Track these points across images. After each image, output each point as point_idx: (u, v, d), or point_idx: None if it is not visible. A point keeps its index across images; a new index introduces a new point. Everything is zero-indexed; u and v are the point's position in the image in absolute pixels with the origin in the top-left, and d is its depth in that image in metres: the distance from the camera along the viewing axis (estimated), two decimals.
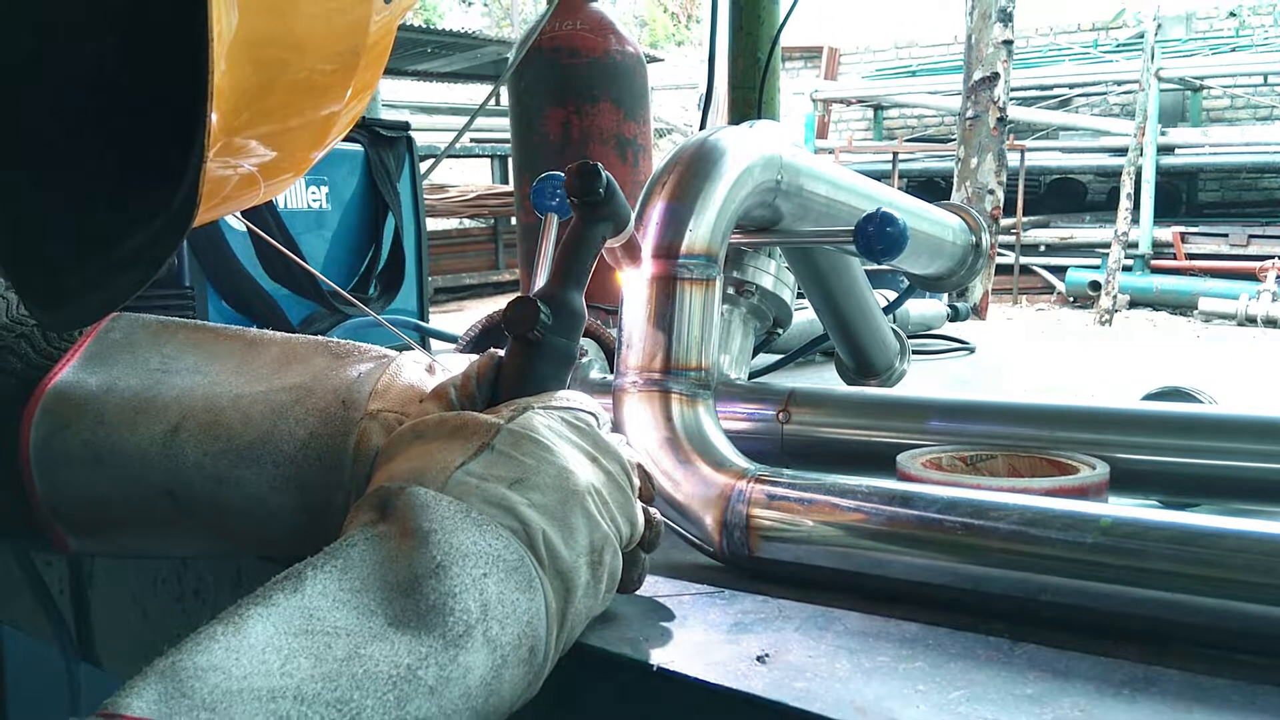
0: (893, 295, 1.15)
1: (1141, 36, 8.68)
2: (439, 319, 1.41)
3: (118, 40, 0.49)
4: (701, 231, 0.64)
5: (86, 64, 0.49)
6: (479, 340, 0.90)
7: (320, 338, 0.60)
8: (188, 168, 0.40)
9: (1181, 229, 8.42)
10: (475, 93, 10.25)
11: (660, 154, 0.74)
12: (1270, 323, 6.95)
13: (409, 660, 0.36)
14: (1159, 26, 8.17)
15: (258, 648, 0.34)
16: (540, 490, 0.45)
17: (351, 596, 0.38)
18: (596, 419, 0.51)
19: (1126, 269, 7.62)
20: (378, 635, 0.37)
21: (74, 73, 0.48)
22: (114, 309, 0.48)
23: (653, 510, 0.53)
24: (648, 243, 0.63)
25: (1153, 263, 8.29)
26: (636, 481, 0.51)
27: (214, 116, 0.38)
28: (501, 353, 0.54)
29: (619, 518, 0.48)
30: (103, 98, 0.49)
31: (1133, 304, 7.93)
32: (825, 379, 1.11)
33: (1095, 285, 7.63)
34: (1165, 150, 8.81)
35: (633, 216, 0.60)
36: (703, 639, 0.49)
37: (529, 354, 0.52)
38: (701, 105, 1.65)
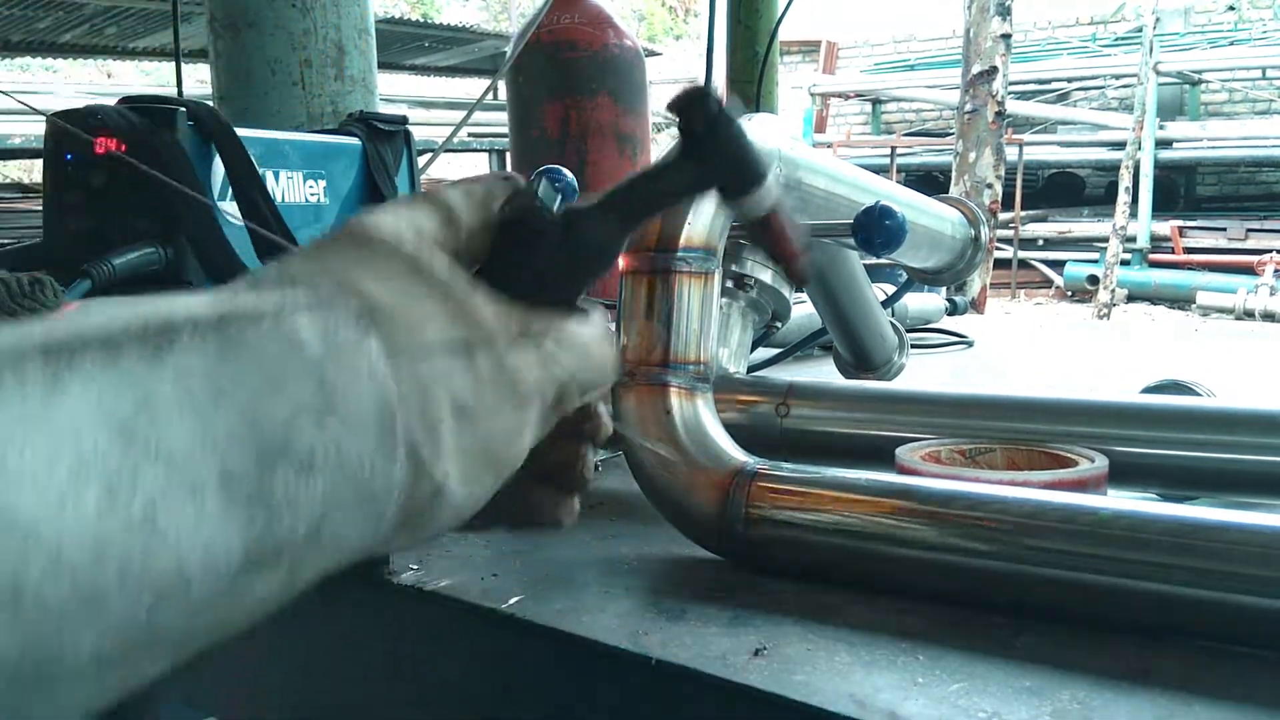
0: (891, 289, 1.15)
1: (1140, 30, 8.66)
2: None
3: None
4: (700, 224, 0.63)
5: None
6: None
7: None
8: None
9: (1180, 223, 8.40)
10: (473, 87, 10.23)
11: (658, 148, 0.74)
12: (1268, 316, 6.94)
13: None
14: (1157, 20, 8.16)
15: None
16: None
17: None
18: None
19: (1125, 263, 7.61)
20: None
21: None
22: None
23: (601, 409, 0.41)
24: (645, 235, 0.63)
25: (1151, 257, 8.27)
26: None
27: None
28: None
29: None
30: None
31: (1131, 298, 7.93)
32: (824, 373, 1.11)
33: (1093, 279, 7.62)
34: (1163, 144, 8.79)
35: (766, 183, 0.40)
36: (701, 631, 0.49)
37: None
38: None
